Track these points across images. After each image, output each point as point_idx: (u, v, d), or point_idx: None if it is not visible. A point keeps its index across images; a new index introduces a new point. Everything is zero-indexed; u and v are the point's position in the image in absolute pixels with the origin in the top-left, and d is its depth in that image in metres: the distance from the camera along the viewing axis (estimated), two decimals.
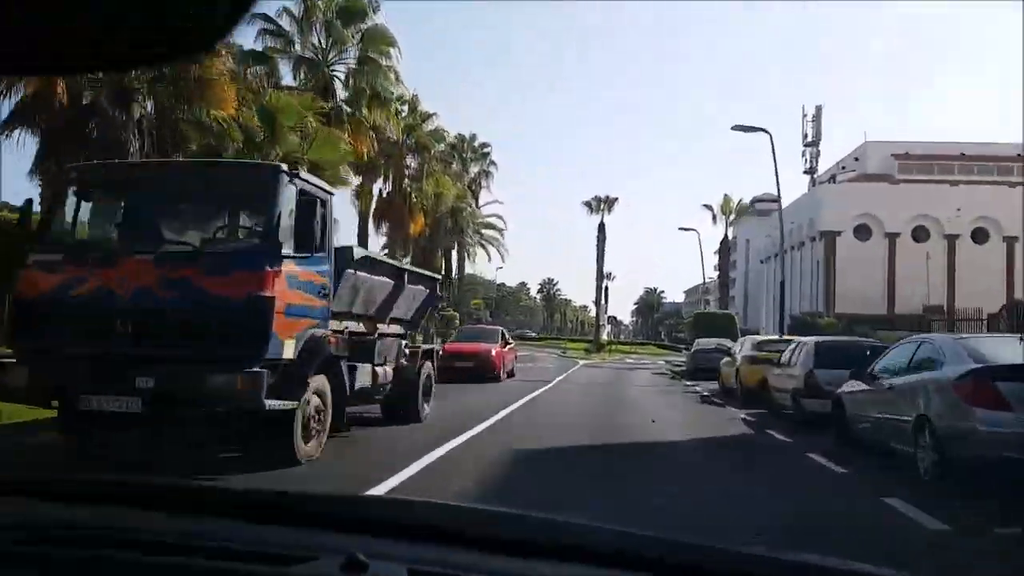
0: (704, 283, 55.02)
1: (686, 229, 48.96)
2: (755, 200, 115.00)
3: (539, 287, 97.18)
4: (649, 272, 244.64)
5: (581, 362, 37.27)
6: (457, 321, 43.23)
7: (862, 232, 43.69)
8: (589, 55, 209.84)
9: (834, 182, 49.23)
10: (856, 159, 49.31)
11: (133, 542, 1.12)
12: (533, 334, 76.51)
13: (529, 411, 13.65)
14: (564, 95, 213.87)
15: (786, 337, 18.85)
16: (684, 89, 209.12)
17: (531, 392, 16.90)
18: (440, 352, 16.80)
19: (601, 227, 53.13)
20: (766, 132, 27.26)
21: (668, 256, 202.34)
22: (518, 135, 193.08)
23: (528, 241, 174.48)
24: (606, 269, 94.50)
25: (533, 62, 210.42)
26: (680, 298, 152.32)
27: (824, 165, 53.53)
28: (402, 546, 1.17)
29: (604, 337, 72.29)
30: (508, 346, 20.69)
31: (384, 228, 32.43)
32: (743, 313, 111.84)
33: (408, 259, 44.48)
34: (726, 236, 53.86)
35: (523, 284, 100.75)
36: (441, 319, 35.42)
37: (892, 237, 43.15)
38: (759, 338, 17.73)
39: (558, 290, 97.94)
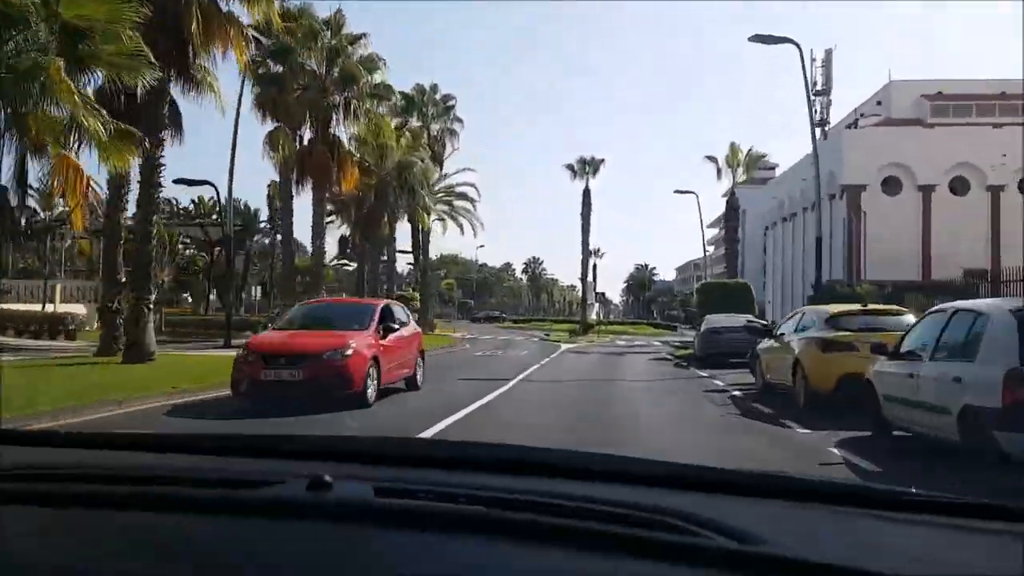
0: (705, 255, 48.18)
1: (683, 192, 42.32)
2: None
3: (524, 267, 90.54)
4: (639, 249, 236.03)
5: (564, 346, 30.81)
6: (418, 305, 36.47)
7: (891, 185, 37.13)
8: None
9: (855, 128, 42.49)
10: (879, 103, 42.60)
11: (120, 478, 1.26)
12: (498, 314, 69.64)
13: None
14: (549, 53, 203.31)
15: (885, 307, 12.21)
16: (680, 36, 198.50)
17: (444, 418, 9.11)
18: (244, 352, 10.12)
19: (586, 194, 46.57)
20: (793, 43, 20.77)
21: (658, 232, 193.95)
22: (497, 101, 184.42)
23: (514, 220, 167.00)
24: (594, 245, 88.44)
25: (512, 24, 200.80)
26: (671, 276, 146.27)
27: (837, 115, 46.76)
28: (368, 469, 1.29)
29: (592, 317, 65.93)
30: (395, 334, 11.34)
31: (308, 185, 25.55)
32: None
33: (346, 227, 37.90)
34: (732, 194, 47.09)
35: (508, 265, 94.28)
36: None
37: (926, 190, 36.62)
38: (833, 308, 11.08)
39: (544, 270, 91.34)
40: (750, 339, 14.96)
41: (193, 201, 50.23)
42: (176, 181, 21.08)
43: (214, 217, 38.13)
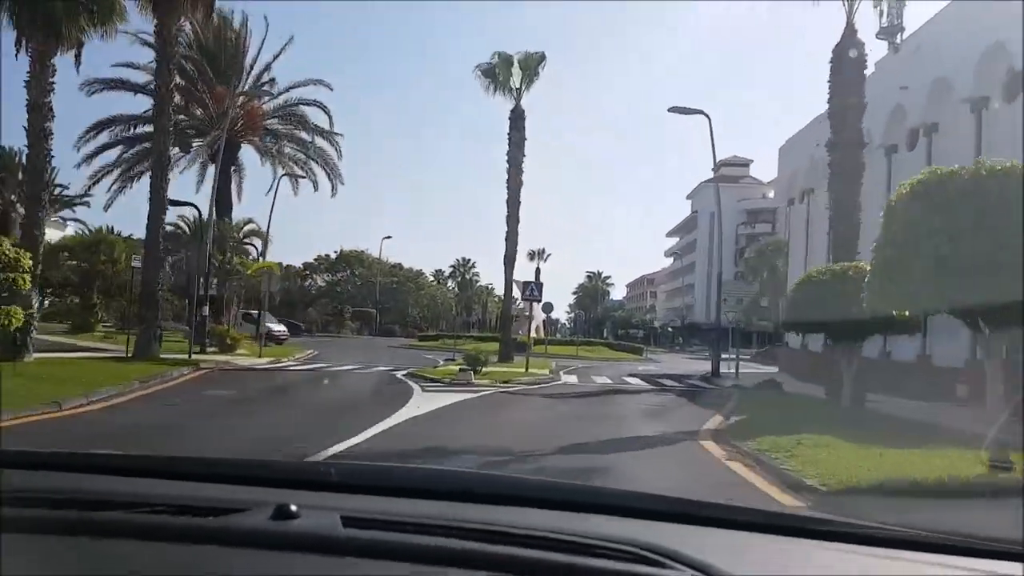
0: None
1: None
2: (721, 163, 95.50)
3: (451, 270, 73.85)
4: (590, 260, 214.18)
5: (421, 396, 14.83)
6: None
7: None
8: None
9: None
10: None
11: (78, 502, 1.22)
12: (299, 327, 49.44)
13: None
14: None
15: None
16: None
17: None
18: None
19: (516, 116, 29.89)
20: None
21: (610, 242, 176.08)
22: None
23: (442, 212, 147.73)
24: (537, 244, 74.14)
25: None
26: (622, 293, 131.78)
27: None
28: (337, 498, 1.28)
29: (533, 333, 50.06)
30: None
31: None
32: (704, 305, 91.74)
33: None
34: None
35: (438, 270, 77.63)
36: None
37: None
38: None
39: (475, 274, 74.87)
40: None
41: None
42: None
43: None
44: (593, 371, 28.12)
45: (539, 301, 29.85)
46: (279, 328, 38.38)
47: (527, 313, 44.44)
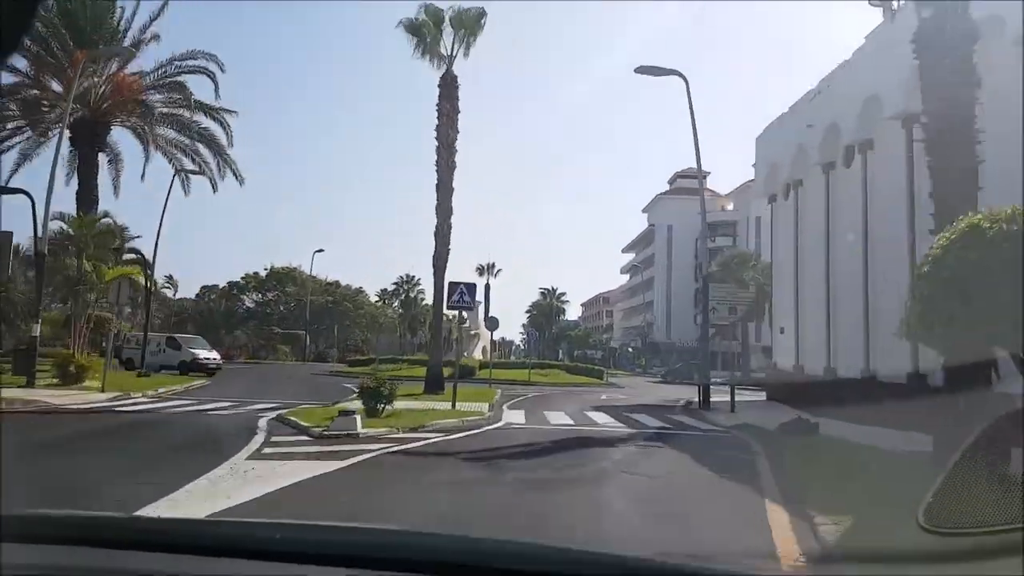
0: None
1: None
2: (678, 175, 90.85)
3: (394, 287, 66.46)
4: (543, 277, 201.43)
5: (272, 481, 8.08)
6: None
7: None
8: None
9: None
10: None
11: None
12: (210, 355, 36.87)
13: None
14: None
15: None
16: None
17: None
18: None
19: (447, 83, 23.26)
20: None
21: (568, 260, 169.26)
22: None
23: (384, 231, 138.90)
24: (487, 259, 69.10)
25: None
26: (576, 313, 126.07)
27: None
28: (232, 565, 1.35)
29: (476, 355, 43.65)
30: None
31: None
32: (665, 323, 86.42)
33: None
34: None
35: (384, 289, 70.25)
36: None
37: None
38: None
39: (421, 292, 67.89)
40: None
41: None
42: None
43: None
44: (547, 403, 22.06)
45: (470, 309, 22.40)
46: (208, 355, 31.49)
47: (472, 331, 38.27)
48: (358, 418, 11.61)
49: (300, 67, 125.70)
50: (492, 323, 33.08)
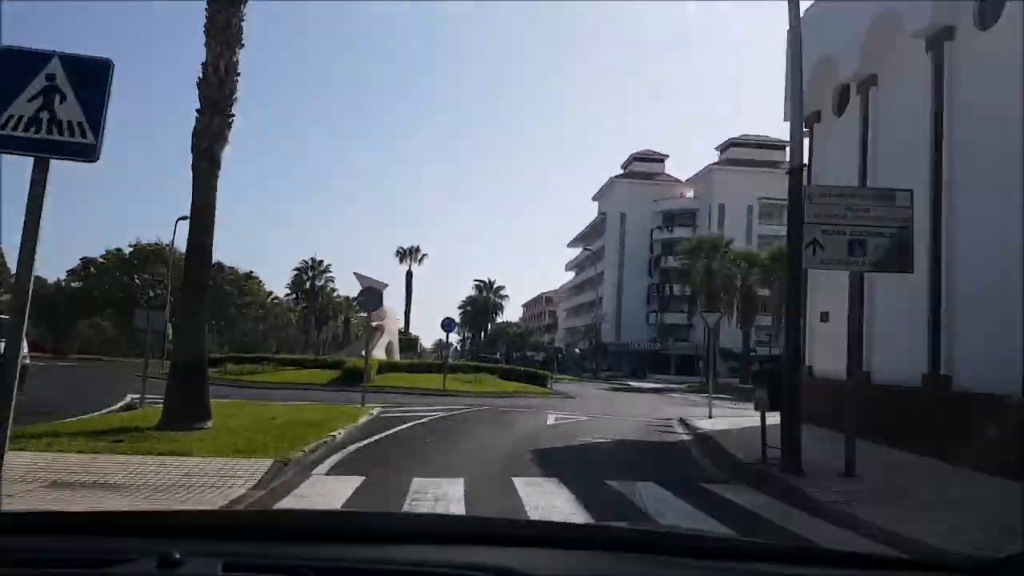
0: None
1: None
2: (634, 157, 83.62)
3: (295, 274, 56.11)
4: (480, 270, 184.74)
5: None
6: None
7: None
8: None
9: None
10: None
11: None
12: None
13: None
14: None
15: None
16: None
17: None
18: None
19: None
20: None
21: (507, 255, 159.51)
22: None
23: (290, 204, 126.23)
24: (408, 245, 60.70)
25: None
26: (517, 314, 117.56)
27: None
28: (221, 544, 1.31)
29: (379, 354, 35.04)
30: None
31: None
32: (615, 323, 78.91)
33: None
34: None
35: (297, 271, 59.44)
36: None
37: None
38: None
39: (330, 279, 57.72)
40: None
41: None
42: None
43: None
44: (443, 445, 12.66)
45: (378, 307, 19.37)
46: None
47: (374, 323, 29.63)
48: None
49: None
50: (447, 324, 28.99)
